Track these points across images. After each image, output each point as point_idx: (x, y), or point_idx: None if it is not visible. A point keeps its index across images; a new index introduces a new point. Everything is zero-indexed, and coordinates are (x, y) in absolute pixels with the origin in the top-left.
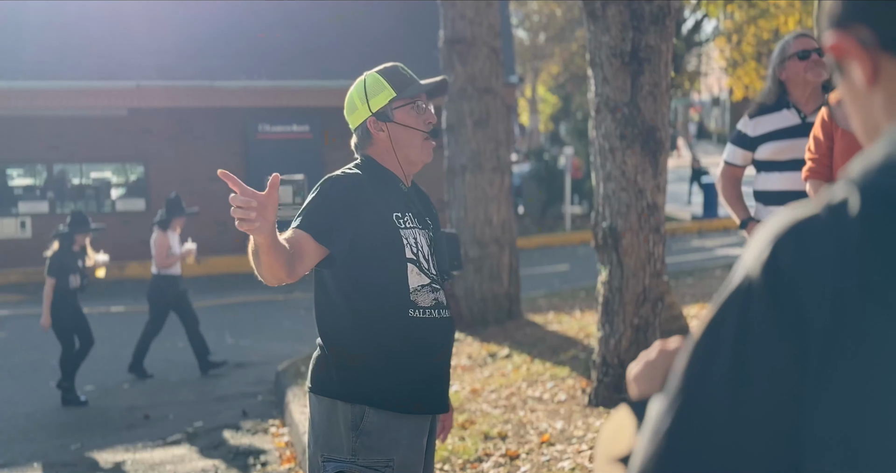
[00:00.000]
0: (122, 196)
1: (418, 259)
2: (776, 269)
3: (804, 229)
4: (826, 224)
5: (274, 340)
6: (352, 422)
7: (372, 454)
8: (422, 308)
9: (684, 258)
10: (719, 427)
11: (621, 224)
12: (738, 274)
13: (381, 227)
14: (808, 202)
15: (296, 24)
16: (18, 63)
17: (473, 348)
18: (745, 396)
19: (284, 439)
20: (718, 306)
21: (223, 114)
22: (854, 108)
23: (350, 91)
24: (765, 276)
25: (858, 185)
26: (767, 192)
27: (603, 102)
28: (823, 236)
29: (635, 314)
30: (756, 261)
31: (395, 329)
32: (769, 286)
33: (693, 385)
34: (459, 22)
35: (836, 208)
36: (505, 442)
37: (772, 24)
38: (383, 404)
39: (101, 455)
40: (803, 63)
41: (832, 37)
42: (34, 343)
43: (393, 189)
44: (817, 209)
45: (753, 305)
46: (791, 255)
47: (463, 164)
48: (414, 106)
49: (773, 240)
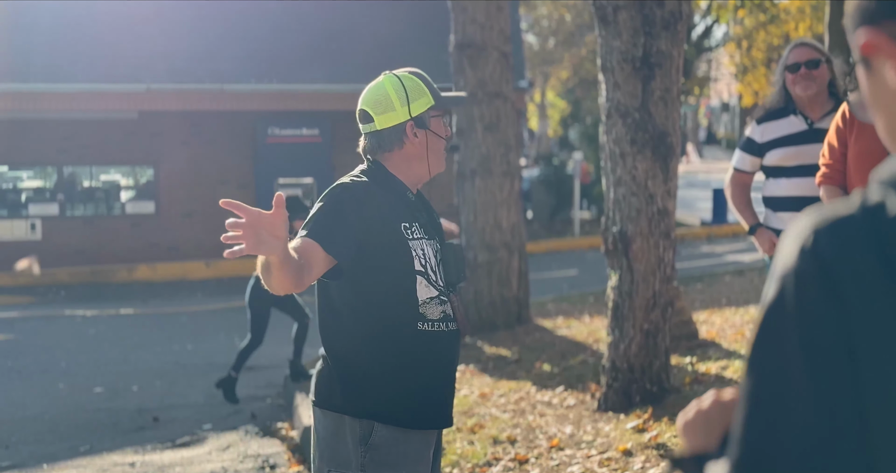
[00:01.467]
0: (131, 199)
1: (426, 271)
2: (821, 257)
3: (843, 226)
4: (863, 224)
5: (283, 343)
6: (360, 437)
7: (380, 468)
8: (430, 321)
9: (694, 264)
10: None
11: (631, 229)
12: (777, 269)
13: (389, 238)
14: (836, 205)
15: (306, 28)
16: (29, 65)
17: (482, 352)
18: (821, 378)
19: (293, 442)
20: (768, 299)
21: (233, 117)
22: (882, 106)
23: (380, 88)
24: (811, 263)
25: (895, 186)
26: (776, 197)
27: (614, 107)
28: (862, 236)
29: (645, 319)
30: (799, 250)
31: (404, 343)
32: (818, 274)
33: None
34: (470, 26)
35: (872, 209)
36: (514, 447)
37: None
38: (391, 419)
39: (111, 457)
40: (792, 76)
41: (863, 35)
42: (43, 345)
43: (400, 198)
44: (851, 210)
45: (807, 294)
46: (833, 248)
47: (473, 168)
48: (442, 118)
49: (814, 231)
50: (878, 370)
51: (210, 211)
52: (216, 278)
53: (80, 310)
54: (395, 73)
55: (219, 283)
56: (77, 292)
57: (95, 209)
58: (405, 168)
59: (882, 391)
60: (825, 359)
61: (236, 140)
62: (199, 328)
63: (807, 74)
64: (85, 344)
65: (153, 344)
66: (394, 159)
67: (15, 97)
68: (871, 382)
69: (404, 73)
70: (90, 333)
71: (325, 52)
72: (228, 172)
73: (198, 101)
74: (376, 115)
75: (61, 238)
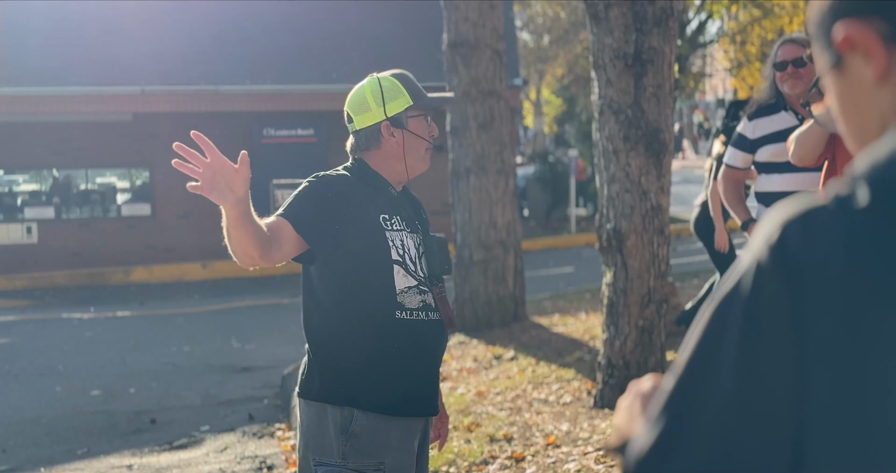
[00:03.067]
0: (127, 201)
1: (404, 261)
2: (784, 251)
3: (813, 218)
4: (835, 215)
5: (280, 344)
6: (341, 426)
7: (362, 457)
8: (409, 310)
9: (689, 260)
10: (723, 408)
11: (626, 226)
12: (744, 258)
13: (366, 228)
14: (809, 197)
15: (300, 28)
16: (23, 69)
17: (479, 350)
18: (751, 378)
19: (290, 443)
20: (725, 289)
21: (228, 118)
22: (852, 105)
23: (361, 90)
24: (773, 257)
25: (867, 178)
26: (768, 193)
27: (606, 104)
28: (832, 227)
29: (640, 316)
30: (764, 244)
31: (382, 331)
32: (777, 267)
33: (699, 367)
34: (463, 25)
35: (844, 200)
36: (511, 444)
37: (776, 24)
38: (371, 406)
39: (108, 459)
40: (780, 74)
41: (843, 28)
42: (40, 349)
43: (382, 193)
44: (825, 201)
45: (763, 286)
46: (800, 240)
47: (467, 167)
48: (425, 117)
49: (782, 225)
50: (831, 362)
51: (206, 213)
52: (213, 280)
53: (76, 313)
54: (378, 75)
55: (215, 284)
56: (73, 295)
57: (91, 212)
58: (386, 166)
59: (832, 384)
60: (765, 349)
61: (231, 141)
62: (195, 330)
63: (794, 72)
64: (82, 347)
65: (150, 346)
66: (374, 158)
67: (8, 101)
68: (821, 374)
69: (386, 74)
70: (87, 335)
71: (319, 53)
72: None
73: (192, 102)
74: (355, 115)
75: (57, 241)
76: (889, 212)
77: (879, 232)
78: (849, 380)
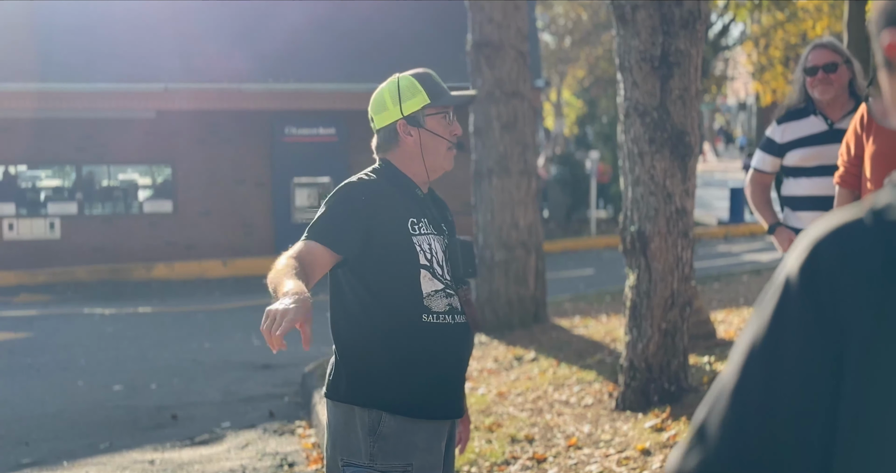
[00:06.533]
0: (149, 198)
1: (432, 265)
2: (814, 271)
3: (846, 232)
4: (869, 228)
5: (300, 342)
6: (369, 427)
7: (389, 458)
8: (435, 313)
9: (711, 263)
10: (752, 412)
11: (650, 228)
12: (779, 276)
13: (395, 233)
14: (844, 211)
15: (322, 27)
16: (48, 65)
17: (499, 351)
18: (774, 391)
19: (311, 440)
20: (760, 308)
21: (250, 116)
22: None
23: (381, 90)
24: (802, 277)
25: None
26: (795, 197)
27: (632, 106)
28: (866, 240)
29: (663, 319)
30: (795, 263)
31: (409, 334)
32: (805, 287)
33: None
34: (487, 26)
35: (879, 212)
36: (532, 445)
37: (800, 28)
38: (398, 409)
39: (130, 454)
40: (811, 79)
41: (889, 36)
42: (62, 343)
43: (409, 195)
44: (861, 214)
45: (790, 305)
46: (832, 258)
47: (490, 167)
48: (445, 115)
49: (814, 243)
50: (867, 370)
51: (227, 210)
52: (233, 277)
53: (98, 308)
54: (400, 74)
55: (236, 281)
56: (95, 291)
57: (114, 208)
58: (408, 165)
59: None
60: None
61: (253, 139)
62: (216, 327)
63: (825, 78)
64: (103, 342)
65: (171, 342)
66: (397, 158)
67: (34, 97)
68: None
69: (407, 74)
70: (108, 331)
71: (341, 52)
72: (245, 172)
73: (215, 100)
74: (374, 115)
75: (80, 237)
76: None
77: None
78: (884, 393)
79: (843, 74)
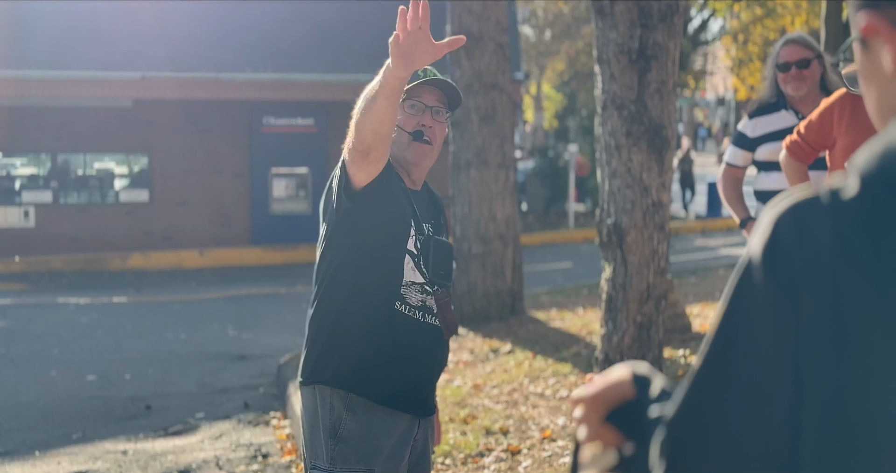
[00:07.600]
0: (125, 187)
1: (417, 256)
2: (774, 246)
3: (803, 209)
4: (825, 206)
5: (276, 333)
6: (330, 430)
7: (350, 463)
8: (407, 305)
9: (688, 257)
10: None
11: (626, 221)
12: (744, 254)
13: (396, 207)
14: (803, 189)
15: (302, 17)
16: (24, 53)
17: (476, 343)
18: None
19: (286, 431)
20: (728, 289)
21: (228, 106)
22: (873, 87)
23: None
24: (764, 252)
25: (859, 170)
26: (767, 191)
27: (609, 98)
28: (822, 218)
29: (638, 312)
30: (758, 241)
31: (380, 319)
32: (766, 262)
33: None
34: (466, 17)
35: (835, 191)
36: (506, 437)
37: (778, 23)
38: (361, 390)
39: (103, 444)
40: (783, 75)
41: (865, 17)
42: (36, 333)
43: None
44: (818, 192)
45: (753, 281)
46: (790, 234)
47: (468, 159)
48: (413, 104)
49: (774, 220)
50: (824, 350)
51: (205, 200)
52: (210, 267)
53: (73, 298)
54: None
55: (213, 272)
56: (70, 280)
57: (89, 197)
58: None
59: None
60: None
61: (231, 129)
62: (192, 317)
63: (798, 74)
64: (78, 332)
65: (146, 333)
66: None
67: (9, 84)
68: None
69: None
70: (83, 321)
71: (321, 42)
72: (223, 161)
73: (193, 89)
74: None
75: (55, 226)
76: (877, 201)
77: (867, 221)
78: (840, 367)
79: (816, 70)
